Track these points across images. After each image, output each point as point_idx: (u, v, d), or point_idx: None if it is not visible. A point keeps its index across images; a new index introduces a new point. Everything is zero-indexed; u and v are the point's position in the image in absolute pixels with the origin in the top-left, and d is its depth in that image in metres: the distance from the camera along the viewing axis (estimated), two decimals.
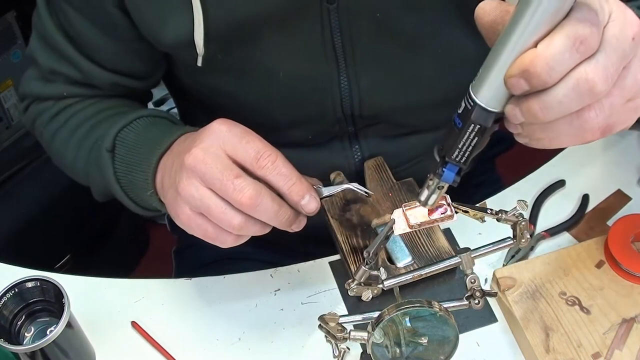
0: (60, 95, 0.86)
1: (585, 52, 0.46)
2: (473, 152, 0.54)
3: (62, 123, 0.85)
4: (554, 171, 0.93)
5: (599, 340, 0.73)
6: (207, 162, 0.62)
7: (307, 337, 0.78)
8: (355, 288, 0.67)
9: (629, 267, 0.77)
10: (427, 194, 0.59)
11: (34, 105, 0.89)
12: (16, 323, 0.74)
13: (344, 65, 0.78)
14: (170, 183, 0.67)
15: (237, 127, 0.64)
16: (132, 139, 0.77)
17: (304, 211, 0.65)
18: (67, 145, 0.85)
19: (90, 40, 0.79)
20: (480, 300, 0.68)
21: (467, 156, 0.54)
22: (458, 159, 0.54)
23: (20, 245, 1.42)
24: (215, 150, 0.63)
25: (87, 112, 0.85)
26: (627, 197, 0.89)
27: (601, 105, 0.49)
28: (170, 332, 0.80)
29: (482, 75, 0.50)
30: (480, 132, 0.52)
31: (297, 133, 0.85)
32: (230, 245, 0.66)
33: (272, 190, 0.63)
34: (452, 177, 0.56)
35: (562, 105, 0.47)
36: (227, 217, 0.62)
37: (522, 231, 0.67)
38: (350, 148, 0.89)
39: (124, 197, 0.78)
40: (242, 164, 0.63)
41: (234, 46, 0.75)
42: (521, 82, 0.47)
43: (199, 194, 0.62)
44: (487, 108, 0.51)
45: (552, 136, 0.51)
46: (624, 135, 0.96)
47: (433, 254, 0.80)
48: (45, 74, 0.85)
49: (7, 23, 1.43)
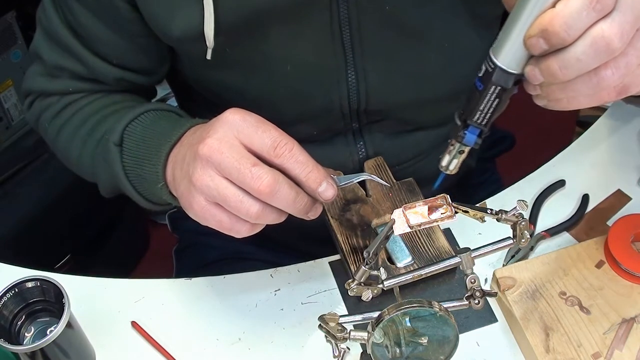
0: (66, 91, 0.85)
1: (602, 11, 0.48)
2: (494, 114, 0.56)
3: (67, 119, 0.85)
4: (554, 171, 0.93)
5: (599, 340, 0.73)
6: (223, 152, 0.62)
7: (307, 337, 0.78)
8: (355, 288, 0.67)
9: (629, 267, 0.77)
10: (448, 159, 0.61)
11: (39, 101, 0.88)
12: (16, 323, 0.73)
13: (351, 58, 0.78)
14: (183, 175, 0.67)
15: (251, 116, 0.64)
16: (140, 133, 0.76)
17: (322, 198, 0.64)
18: (73, 141, 0.84)
19: (95, 35, 0.79)
20: (480, 300, 0.68)
21: (489, 118, 0.56)
22: (479, 121, 0.57)
23: (20, 245, 1.42)
24: (230, 140, 0.62)
25: (92, 107, 0.85)
26: (627, 197, 0.89)
27: (617, 64, 0.50)
28: (170, 332, 0.80)
29: (501, 38, 0.52)
30: (500, 93, 0.54)
31: (302, 129, 0.85)
32: (244, 234, 0.65)
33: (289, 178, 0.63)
34: (473, 139, 0.58)
35: (580, 63, 0.49)
36: (245, 205, 0.62)
37: (522, 231, 0.67)
38: (355, 144, 0.88)
39: (132, 191, 0.77)
40: (259, 153, 0.63)
41: (243, 38, 0.75)
42: (540, 41, 0.49)
43: (214, 183, 0.62)
44: (508, 70, 0.53)
45: (570, 96, 0.53)
46: (624, 135, 0.96)
47: (433, 254, 0.80)
48: (50, 69, 0.85)
49: (7, 23, 1.43)
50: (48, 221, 1.48)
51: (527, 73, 0.52)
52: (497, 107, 0.55)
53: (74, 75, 0.84)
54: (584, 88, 0.52)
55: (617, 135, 0.96)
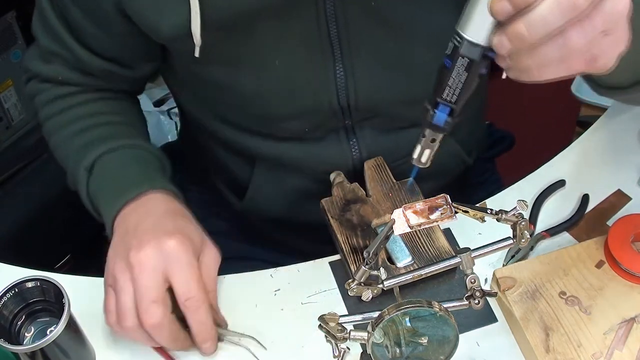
0: (57, 79, 0.88)
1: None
2: (464, 92, 0.56)
3: (58, 111, 0.89)
4: (554, 171, 0.93)
5: (599, 340, 0.73)
6: (142, 271, 0.71)
7: (307, 337, 0.78)
8: (355, 288, 0.67)
9: (629, 267, 0.77)
10: (419, 151, 0.60)
11: (34, 83, 0.91)
12: (16, 323, 0.73)
13: (339, 54, 0.79)
14: (119, 243, 0.77)
15: (186, 252, 0.73)
16: (107, 170, 0.84)
17: (202, 352, 0.76)
18: (58, 133, 0.89)
19: (83, 29, 0.81)
20: (480, 300, 0.69)
21: (458, 95, 0.56)
22: (449, 98, 0.56)
23: (20, 245, 1.42)
24: (156, 267, 0.72)
25: (81, 110, 0.89)
26: (627, 197, 0.89)
27: (583, 26, 0.51)
28: None
29: (466, 11, 0.53)
30: (469, 66, 0.54)
31: (293, 125, 0.85)
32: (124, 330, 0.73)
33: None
34: (443, 118, 0.57)
35: (546, 22, 0.50)
36: (126, 315, 0.71)
37: (522, 231, 0.67)
38: (347, 142, 0.88)
39: (88, 205, 0.87)
40: (174, 290, 0.72)
41: (231, 35, 0.76)
42: (505, 4, 0.50)
43: (123, 283, 0.72)
44: (475, 41, 0.53)
45: (539, 63, 0.53)
46: (624, 135, 0.96)
47: (433, 254, 0.80)
48: (44, 53, 0.87)
49: (7, 23, 1.43)
50: (48, 221, 1.48)
51: (495, 43, 0.53)
52: (467, 83, 0.55)
53: (65, 62, 0.86)
54: (552, 52, 0.52)
55: (617, 135, 0.96)
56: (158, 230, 0.74)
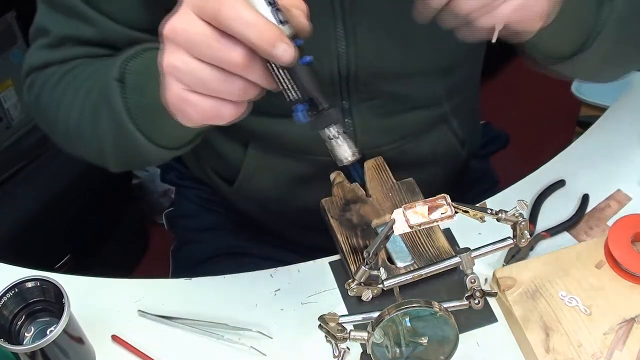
0: (69, 57, 0.82)
1: None
2: (298, 83, 0.57)
3: (70, 81, 0.81)
4: (554, 171, 0.93)
5: (599, 340, 0.73)
6: (187, 29, 0.56)
7: (307, 337, 0.78)
8: (355, 288, 0.67)
9: (629, 267, 0.77)
10: (337, 152, 0.59)
11: (39, 75, 0.85)
12: (16, 323, 0.74)
13: (340, 17, 0.78)
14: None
15: None
16: (141, 65, 0.71)
17: (278, 61, 0.56)
18: (74, 102, 0.80)
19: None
20: (480, 300, 0.69)
21: (297, 89, 0.57)
22: (292, 97, 0.57)
23: (20, 245, 1.42)
24: (190, 17, 0.56)
25: (95, 66, 0.80)
26: (627, 197, 0.89)
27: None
28: (170, 332, 0.80)
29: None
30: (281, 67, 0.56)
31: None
32: (229, 119, 0.60)
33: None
34: (303, 113, 0.58)
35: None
36: (226, 83, 0.57)
37: (522, 231, 0.67)
38: (343, 123, 0.87)
39: (134, 130, 0.70)
40: (210, 23, 0.56)
41: None
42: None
43: (188, 67, 0.57)
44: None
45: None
46: (624, 135, 0.96)
47: (433, 254, 0.80)
48: (55, 40, 0.82)
49: (7, 23, 1.43)
50: (48, 221, 1.48)
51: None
52: (293, 77, 0.56)
53: (80, 41, 0.81)
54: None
55: (617, 135, 0.96)
56: None
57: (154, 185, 1.80)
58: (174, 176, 1.14)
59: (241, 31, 0.54)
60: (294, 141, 0.88)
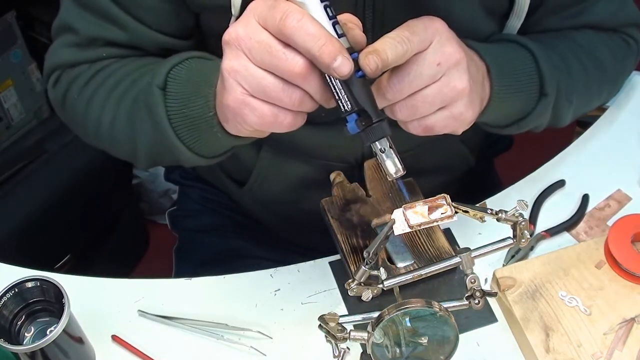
0: (99, 58, 0.82)
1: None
2: (352, 94, 0.59)
3: (100, 83, 0.81)
4: (554, 171, 0.93)
5: (599, 340, 0.73)
6: (251, 37, 0.58)
7: (307, 337, 0.78)
8: (355, 288, 0.67)
9: (629, 267, 0.77)
10: (384, 165, 0.62)
11: (67, 73, 0.84)
12: (16, 323, 0.74)
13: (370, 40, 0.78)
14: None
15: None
16: (186, 75, 0.72)
17: (337, 74, 0.58)
18: (106, 105, 0.80)
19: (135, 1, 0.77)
20: (480, 300, 0.68)
21: (351, 99, 0.59)
22: (347, 108, 0.59)
23: (20, 245, 1.42)
24: (254, 25, 0.58)
25: (127, 68, 0.81)
26: (627, 197, 0.89)
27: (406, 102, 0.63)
28: (170, 332, 0.80)
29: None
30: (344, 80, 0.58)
31: None
32: (288, 127, 0.61)
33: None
34: (352, 123, 0.60)
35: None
36: (286, 92, 0.58)
37: (522, 231, 0.67)
38: (391, 136, 0.87)
39: (174, 138, 0.72)
40: (274, 34, 0.58)
41: None
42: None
43: (249, 72, 0.58)
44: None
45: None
46: (624, 135, 0.96)
47: (433, 254, 0.80)
48: (83, 39, 0.81)
49: (7, 23, 1.43)
50: (48, 221, 1.48)
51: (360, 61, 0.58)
52: (349, 87, 0.58)
53: (110, 43, 0.81)
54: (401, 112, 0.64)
55: (617, 135, 0.96)
56: None
57: (154, 185, 1.80)
58: (177, 175, 1.14)
59: (304, 43, 0.56)
60: (307, 145, 0.88)
